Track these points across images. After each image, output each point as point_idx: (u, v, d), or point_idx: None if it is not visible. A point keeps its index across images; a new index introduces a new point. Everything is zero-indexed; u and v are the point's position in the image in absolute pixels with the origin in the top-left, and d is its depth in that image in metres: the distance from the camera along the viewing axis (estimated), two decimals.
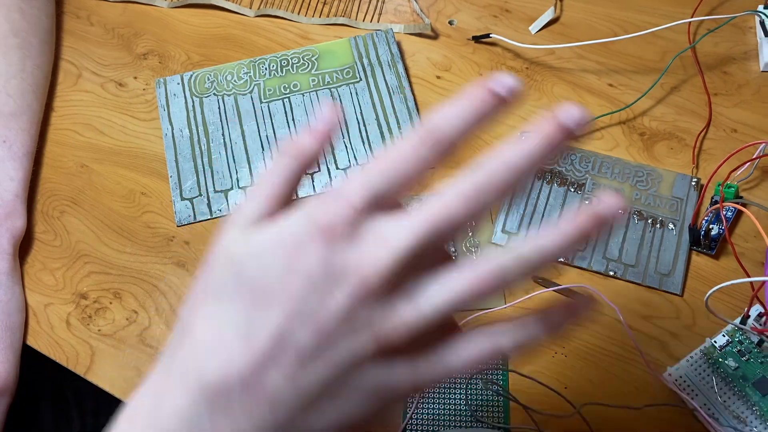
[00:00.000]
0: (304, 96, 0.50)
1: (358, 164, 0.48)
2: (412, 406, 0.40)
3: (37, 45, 0.52)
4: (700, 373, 0.39)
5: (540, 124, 0.24)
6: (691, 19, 0.52)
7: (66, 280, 0.46)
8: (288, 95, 0.50)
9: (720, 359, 0.38)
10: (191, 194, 0.48)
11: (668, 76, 0.51)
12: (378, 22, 0.55)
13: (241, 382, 0.23)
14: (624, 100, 0.50)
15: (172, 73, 0.53)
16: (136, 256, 0.46)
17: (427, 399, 0.40)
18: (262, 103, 0.50)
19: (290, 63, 0.52)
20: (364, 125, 0.49)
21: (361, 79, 0.51)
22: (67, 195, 0.49)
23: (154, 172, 0.49)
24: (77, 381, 0.58)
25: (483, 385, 0.40)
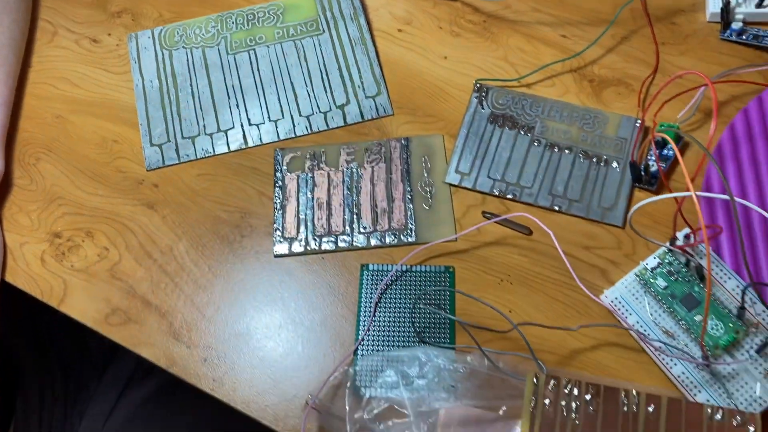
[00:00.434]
0: (269, 48, 0.53)
1: (320, 111, 0.51)
2: (364, 329, 0.43)
3: (14, 2, 0.54)
4: (633, 294, 0.41)
5: None
6: None
7: (41, 221, 0.48)
8: (253, 47, 0.53)
9: (651, 280, 0.41)
10: (160, 141, 0.50)
11: (619, 27, 0.53)
12: None
13: None
14: (576, 49, 0.52)
15: (144, 29, 0.56)
16: (107, 198, 0.49)
17: (377, 323, 0.43)
18: (228, 54, 0.53)
19: (256, 17, 0.54)
20: (327, 75, 0.52)
21: (325, 32, 0.53)
22: (43, 143, 0.51)
23: (125, 122, 0.52)
24: (60, 339, 0.61)
25: (430, 309, 0.43)
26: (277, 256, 0.46)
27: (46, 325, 0.63)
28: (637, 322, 0.40)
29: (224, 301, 0.45)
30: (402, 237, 0.46)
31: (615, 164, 0.47)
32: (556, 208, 0.46)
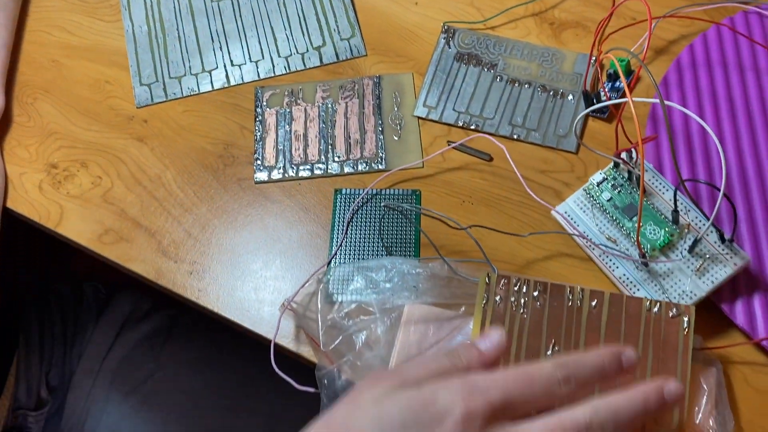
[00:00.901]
0: None
1: (297, 53, 0.54)
2: (337, 245, 0.46)
3: None
4: (581, 207, 0.45)
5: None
6: None
7: (39, 153, 0.52)
8: None
9: (597, 193, 0.44)
10: (149, 81, 0.54)
11: None
12: None
13: None
14: None
15: None
16: (100, 133, 0.52)
17: (348, 240, 0.46)
18: (212, 2, 0.56)
19: None
20: (304, 19, 0.55)
21: None
22: (40, 85, 0.55)
23: (116, 65, 0.55)
24: (59, 285, 0.65)
25: (397, 222, 0.46)
26: (257, 183, 0.50)
27: (45, 271, 0.67)
28: (584, 231, 0.44)
29: (209, 223, 0.49)
30: (373, 165, 0.50)
31: (570, 97, 0.51)
32: (516, 137, 0.50)
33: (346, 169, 0.50)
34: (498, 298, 0.41)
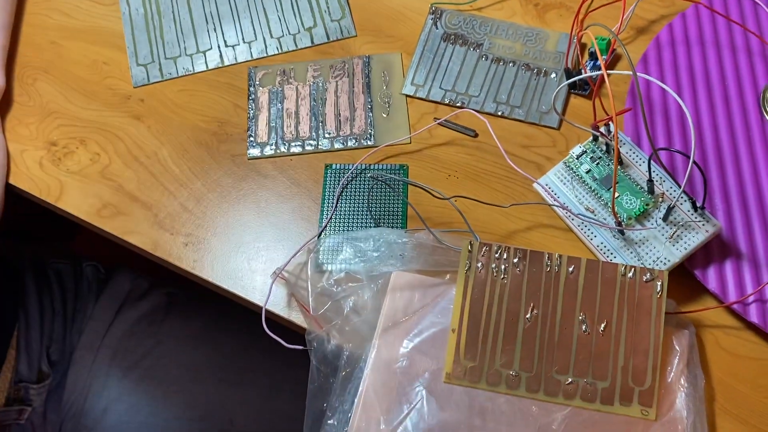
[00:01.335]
0: None
1: (289, 34, 0.56)
2: (327, 217, 0.48)
3: None
4: (561, 180, 0.46)
5: None
6: None
7: (39, 131, 0.54)
8: None
9: (576, 166, 0.46)
10: (145, 61, 0.55)
11: None
12: None
13: None
14: None
15: None
16: (98, 112, 0.54)
17: (338, 212, 0.48)
18: None
19: None
20: (296, 1, 0.57)
21: None
22: (40, 66, 0.57)
23: (114, 46, 0.57)
24: (59, 263, 0.67)
25: (385, 195, 0.48)
26: (250, 159, 0.52)
27: (45, 249, 0.68)
28: (564, 203, 0.46)
29: (203, 197, 0.51)
30: (362, 141, 0.51)
31: (553, 75, 0.52)
32: (500, 113, 0.52)
33: (336, 145, 0.52)
34: (479, 265, 0.43)
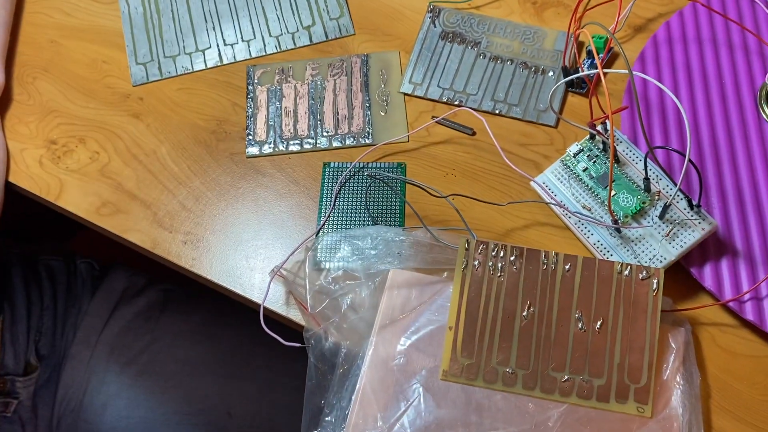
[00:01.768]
0: None
1: (288, 32, 0.56)
2: (325, 215, 0.48)
3: None
4: (558, 178, 0.47)
5: None
6: None
7: (39, 130, 0.54)
8: None
9: (573, 164, 0.46)
10: (144, 60, 0.56)
11: None
12: None
13: None
14: None
15: None
16: (98, 110, 0.54)
17: (336, 211, 0.48)
18: None
19: None
20: (295, 0, 0.57)
21: None
22: (39, 65, 0.57)
23: (113, 45, 0.57)
24: (51, 260, 0.67)
25: (383, 193, 0.48)
26: (249, 157, 0.52)
27: (38, 246, 0.68)
28: (561, 201, 0.46)
29: (202, 195, 0.51)
30: (360, 139, 0.52)
31: (551, 73, 0.53)
32: (497, 112, 0.52)
33: (335, 144, 0.52)
34: (476, 263, 0.43)
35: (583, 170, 0.46)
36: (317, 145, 0.52)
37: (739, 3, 0.53)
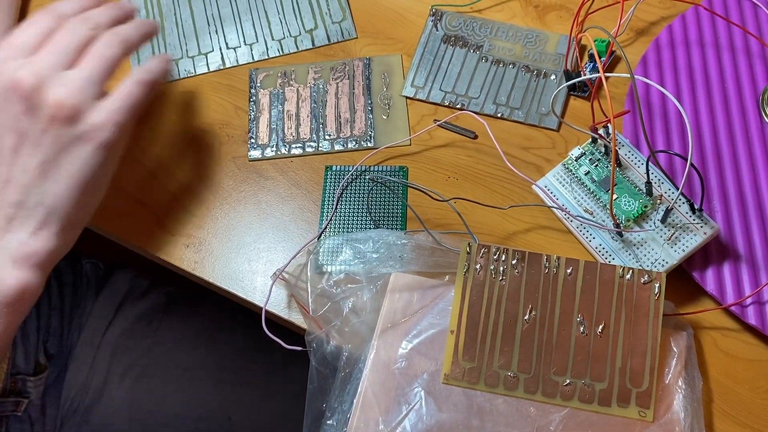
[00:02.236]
0: None
1: (290, 36, 0.56)
2: (327, 219, 0.48)
3: None
4: (560, 181, 0.47)
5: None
6: None
7: None
8: None
9: (575, 168, 0.46)
10: None
11: None
12: None
13: None
14: None
15: None
16: None
17: (338, 214, 0.48)
18: None
19: None
20: (297, 3, 0.57)
21: None
22: None
23: None
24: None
25: (385, 197, 0.48)
26: (251, 160, 0.52)
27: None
28: (563, 204, 0.46)
29: (204, 198, 0.51)
30: (362, 143, 0.52)
31: (553, 76, 0.53)
32: (499, 115, 0.52)
33: (337, 147, 0.52)
34: (478, 266, 0.43)
35: (585, 174, 0.46)
36: (319, 149, 0.52)
37: (742, 6, 0.53)
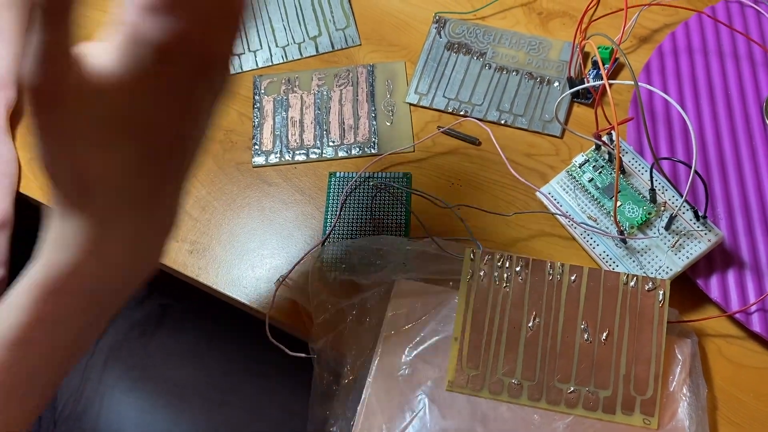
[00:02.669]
0: None
1: (294, 43, 0.56)
2: (331, 225, 0.49)
3: None
4: (564, 188, 0.47)
5: None
6: None
7: None
8: None
9: (579, 175, 0.46)
10: None
11: None
12: None
13: None
14: None
15: None
16: None
17: (342, 220, 0.49)
18: None
19: None
20: (301, 10, 0.57)
21: None
22: None
23: None
24: None
25: (389, 203, 0.48)
26: (255, 167, 0.52)
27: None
28: (567, 211, 0.46)
29: (209, 204, 0.51)
30: (366, 149, 0.52)
31: (556, 83, 0.53)
32: (503, 122, 0.52)
33: (340, 154, 0.52)
34: (482, 273, 0.43)
35: (589, 181, 0.46)
36: (323, 155, 0.52)
37: (745, 14, 0.53)
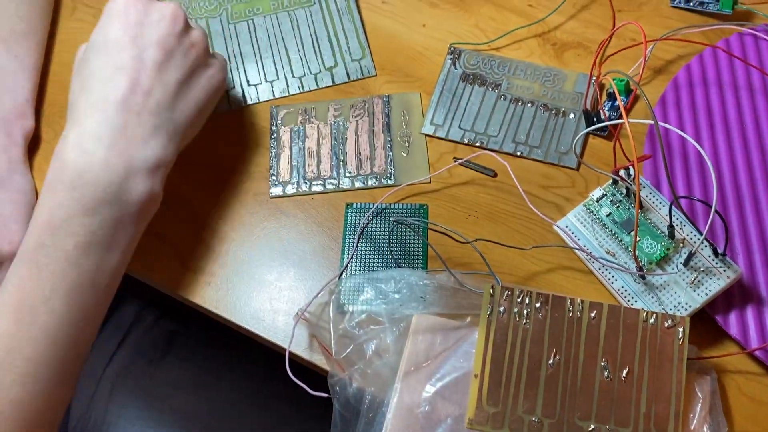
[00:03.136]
0: (265, 18, 0.59)
1: (310, 73, 0.57)
2: (348, 257, 0.49)
3: None
4: (581, 222, 0.47)
5: None
6: None
7: None
8: (252, 17, 0.59)
9: (596, 209, 0.46)
10: None
11: None
12: None
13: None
14: (540, 16, 0.58)
15: None
16: None
17: (359, 252, 0.49)
18: (229, 24, 0.59)
19: None
20: (317, 41, 0.58)
21: (315, 4, 0.59)
22: (66, 104, 0.58)
23: None
24: None
25: (406, 235, 0.49)
26: (272, 197, 0.52)
27: None
28: (584, 246, 0.46)
29: (226, 236, 0.51)
30: (383, 180, 0.52)
31: (572, 115, 0.53)
32: (519, 154, 0.52)
33: (357, 184, 0.52)
34: (502, 309, 0.43)
35: (607, 215, 0.46)
36: (340, 186, 0.52)
37: (759, 47, 0.53)
